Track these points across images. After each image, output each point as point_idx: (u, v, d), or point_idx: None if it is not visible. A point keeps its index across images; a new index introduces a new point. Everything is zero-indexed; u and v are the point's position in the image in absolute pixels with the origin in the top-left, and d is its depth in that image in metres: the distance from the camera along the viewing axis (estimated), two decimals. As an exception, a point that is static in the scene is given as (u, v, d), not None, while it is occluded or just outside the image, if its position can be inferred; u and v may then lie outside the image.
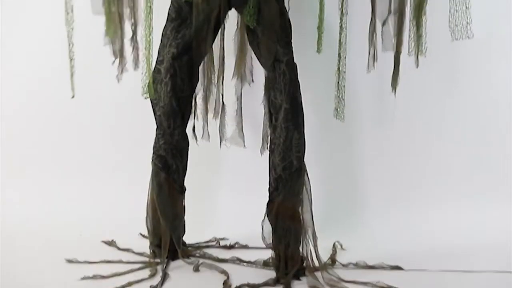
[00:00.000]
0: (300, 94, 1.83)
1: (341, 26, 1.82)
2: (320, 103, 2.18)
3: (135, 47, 1.86)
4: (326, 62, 1.99)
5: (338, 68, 1.86)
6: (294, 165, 1.80)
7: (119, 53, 1.83)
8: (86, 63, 1.88)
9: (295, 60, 1.83)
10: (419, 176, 2.39)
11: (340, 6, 1.82)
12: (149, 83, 1.76)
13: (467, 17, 1.61)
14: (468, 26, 1.61)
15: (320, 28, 1.87)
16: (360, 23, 1.86)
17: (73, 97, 1.76)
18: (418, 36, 1.72)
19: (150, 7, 1.70)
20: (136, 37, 1.85)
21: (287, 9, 1.89)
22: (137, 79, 1.79)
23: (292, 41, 1.84)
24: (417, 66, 1.74)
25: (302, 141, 1.81)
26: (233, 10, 1.87)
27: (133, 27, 1.84)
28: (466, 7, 1.60)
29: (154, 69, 1.84)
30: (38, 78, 2.50)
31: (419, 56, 1.74)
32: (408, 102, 2.31)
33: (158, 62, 1.85)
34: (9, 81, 2.53)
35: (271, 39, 1.81)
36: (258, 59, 1.90)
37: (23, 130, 2.57)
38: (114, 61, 1.82)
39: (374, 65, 1.81)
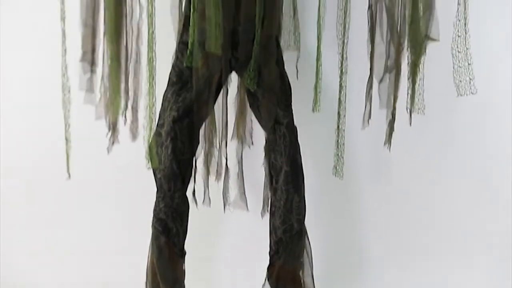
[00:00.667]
0: (300, 156, 1.85)
1: (340, 85, 1.85)
2: (319, 160, 2.18)
3: (134, 118, 1.83)
4: (325, 120, 2.02)
5: (338, 127, 1.89)
6: (295, 227, 1.80)
7: (113, 126, 1.80)
8: (85, 129, 1.90)
9: (294, 119, 1.86)
10: (420, 234, 2.38)
11: (339, 65, 1.85)
12: (151, 153, 1.76)
13: (469, 73, 1.64)
14: (472, 82, 1.65)
15: (316, 87, 1.91)
16: (357, 80, 1.88)
17: (69, 177, 1.73)
18: (413, 93, 1.74)
19: (153, 77, 1.69)
20: (137, 107, 1.83)
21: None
22: (137, 144, 1.79)
23: (292, 103, 1.87)
24: (410, 123, 1.75)
25: (302, 204, 1.82)
26: (233, 72, 1.90)
27: (132, 100, 1.82)
28: (469, 63, 1.64)
29: (155, 132, 1.84)
30: (36, 154, 2.47)
31: (414, 113, 1.75)
32: (407, 158, 2.33)
33: (159, 125, 1.84)
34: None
35: (271, 101, 1.83)
36: (259, 121, 1.93)
37: (20, 210, 2.51)
38: (107, 134, 1.79)
39: (369, 122, 1.82)
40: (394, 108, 1.75)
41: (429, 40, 1.64)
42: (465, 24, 1.60)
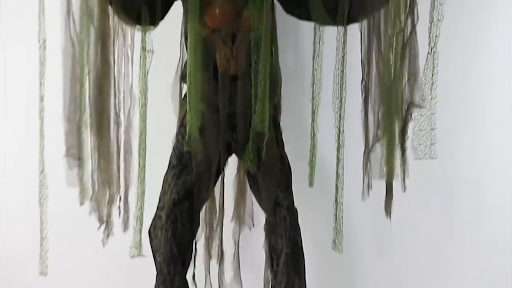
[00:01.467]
0: (301, 238, 1.83)
1: (338, 158, 1.84)
2: (318, 235, 2.11)
3: (125, 208, 1.84)
4: (322, 193, 1.99)
5: (336, 200, 1.86)
6: (296, 310, 1.76)
7: (106, 219, 1.80)
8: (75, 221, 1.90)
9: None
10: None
11: (336, 138, 1.84)
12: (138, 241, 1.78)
13: (431, 138, 1.62)
14: (432, 146, 1.63)
15: (312, 162, 1.92)
16: (354, 151, 1.86)
17: (45, 275, 1.72)
18: (403, 161, 1.71)
19: (143, 168, 1.74)
20: (127, 197, 1.83)
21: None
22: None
23: (292, 185, 1.86)
24: (404, 190, 1.72)
25: (303, 286, 1.79)
26: (233, 155, 1.91)
27: (122, 192, 1.82)
28: (431, 128, 1.62)
29: (155, 215, 1.85)
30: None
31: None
32: (407, 229, 2.29)
33: (159, 208, 1.85)
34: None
35: (272, 184, 1.83)
36: (259, 203, 1.92)
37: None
38: (99, 227, 1.79)
39: (368, 194, 1.79)
40: (390, 178, 1.72)
41: (414, 107, 1.63)
42: (431, 89, 1.59)
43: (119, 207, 1.79)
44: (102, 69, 1.63)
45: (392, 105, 1.64)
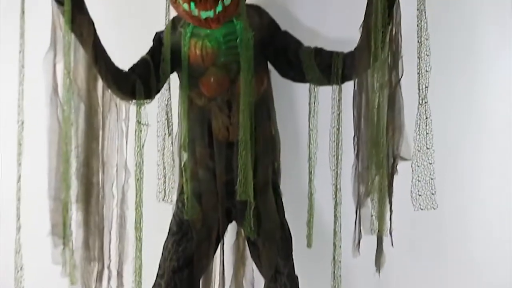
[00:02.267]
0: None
1: (335, 216, 1.82)
2: None
3: (120, 283, 1.79)
4: (320, 251, 1.94)
5: (334, 258, 1.83)
6: None
7: None
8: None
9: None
10: None
11: (334, 196, 1.83)
12: None
13: (431, 188, 1.58)
14: (433, 196, 1.58)
15: (309, 223, 1.91)
16: (352, 210, 1.81)
17: None
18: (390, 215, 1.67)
19: (140, 240, 1.72)
20: (122, 273, 1.79)
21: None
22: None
23: (293, 252, 1.86)
24: (392, 244, 1.67)
25: None
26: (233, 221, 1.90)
27: (117, 266, 1.78)
28: (431, 178, 1.58)
29: (155, 282, 1.83)
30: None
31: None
32: (404, 282, 2.24)
33: (159, 275, 1.83)
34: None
35: (272, 251, 1.82)
36: (259, 270, 1.90)
37: None
38: None
39: (359, 251, 1.74)
40: (380, 233, 1.67)
41: (400, 160, 1.62)
42: (426, 139, 1.56)
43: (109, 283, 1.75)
44: (90, 145, 1.64)
45: (377, 159, 1.61)
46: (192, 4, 1.63)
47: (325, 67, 1.76)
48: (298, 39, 1.86)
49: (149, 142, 1.79)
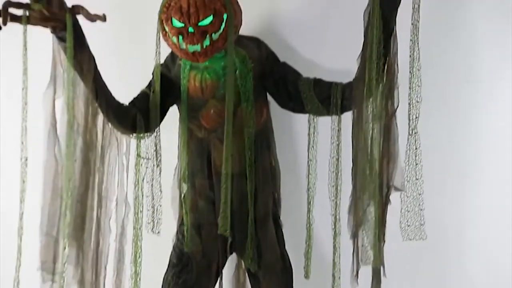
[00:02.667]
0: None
1: (334, 246, 1.82)
2: None
3: None
4: (319, 282, 1.93)
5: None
6: None
7: None
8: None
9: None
10: None
11: (333, 226, 1.82)
12: None
13: (420, 218, 1.58)
14: (422, 227, 1.58)
15: (308, 254, 1.90)
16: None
17: None
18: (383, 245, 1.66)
19: (139, 274, 1.72)
20: None
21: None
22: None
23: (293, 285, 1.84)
24: (384, 274, 1.65)
25: None
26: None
27: None
28: (420, 209, 1.58)
29: None
30: None
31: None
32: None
33: None
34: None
35: (273, 282, 1.83)
36: (260, 301, 1.88)
37: None
38: None
39: (357, 282, 1.72)
40: (375, 263, 1.66)
41: (394, 190, 1.61)
42: (415, 170, 1.57)
43: None
44: (87, 180, 1.64)
45: (370, 189, 1.61)
46: (180, 37, 1.64)
47: (324, 97, 1.77)
48: (297, 70, 1.87)
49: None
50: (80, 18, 1.52)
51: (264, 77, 1.85)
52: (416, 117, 1.53)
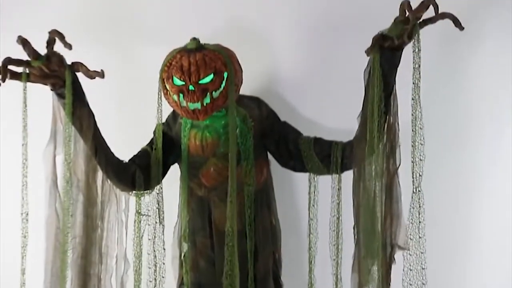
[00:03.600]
0: None
1: None
2: None
3: None
4: None
5: None
6: None
7: None
8: None
9: None
10: None
11: (334, 286, 1.81)
12: None
13: (423, 277, 1.54)
14: (424, 286, 1.55)
15: None
16: None
17: None
18: None
19: None
20: None
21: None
22: None
23: None
24: None
25: None
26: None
27: None
28: (422, 268, 1.55)
29: None
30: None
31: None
32: None
33: None
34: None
35: None
36: None
37: None
38: None
39: None
40: None
41: (398, 249, 1.59)
42: (419, 228, 1.55)
43: None
44: (89, 237, 1.62)
45: (373, 248, 1.59)
46: (181, 95, 1.65)
47: (324, 156, 1.77)
48: (297, 129, 1.87)
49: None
50: (80, 76, 1.53)
51: (265, 136, 1.85)
52: (419, 175, 1.52)
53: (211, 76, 1.64)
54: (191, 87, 1.63)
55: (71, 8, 2.19)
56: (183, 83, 1.64)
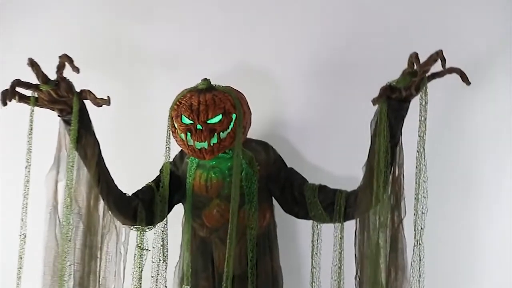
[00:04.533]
0: None
1: None
2: None
3: None
4: None
5: None
6: None
7: None
8: None
9: None
10: None
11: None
12: None
13: None
14: None
15: None
16: None
17: None
18: None
19: None
20: None
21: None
22: None
23: None
24: None
25: None
26: None
27: None
28: None
29: None
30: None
31: None
32: None
33: None
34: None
35: None
36: None
37: None
38: None
39: None
40: None
41: None
42: (419, 282, 1.52)
43: None
44: (88, 265, 1.59)
45: None
46: (189, 134, 1.66)
47: (328, 204, 1.75)
48: (303, 176, 1.86)
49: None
50: (88, 104, 1.54)
51: (270, 180, 1.84)
52: (421, 228, 1.49)
53: (220, 116, 1.65)
54: (199, 126, 1.64)
55: (79, 38, 2.25)
56: (192, 122, 1.65)
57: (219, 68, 2.11)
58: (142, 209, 1.71)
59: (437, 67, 1.41)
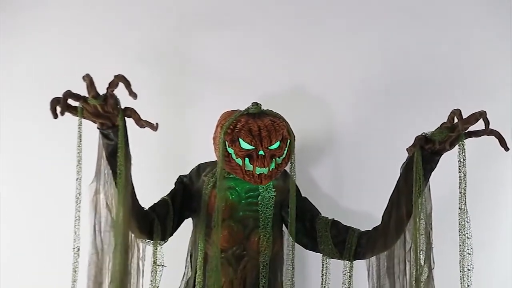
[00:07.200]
0: None
1: None
2: None
3: None
4: None
5: None
6: None
7: None
8: None
9: None
10: None
11: None
12: None
13: None
14: None
15: None
16: None
17: None
18: None
19: None
20: None
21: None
22: None
23: None
24: None
25: None
26: None
27: None
28: None
29: None
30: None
31: None
32: None
33: None
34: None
35: None
36: None
37: None
38: None
39: None
40: None
41: None
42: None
43: None
44: (122, 282, 1.53)
45: None
46: (247, 160, 1.64)
47: (339, 241, 1.75)
48: (317, 207, 1.87)
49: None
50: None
51: (284, 208, 1.83)
52: (468, 286, 1.49)
53: (279, 142, 1.65)
54: (261, 152, 1.63)
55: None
56: (253, 148, 1.63)
57: (267, 90, 2.12)
58: (158, 223, 1.68)
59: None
